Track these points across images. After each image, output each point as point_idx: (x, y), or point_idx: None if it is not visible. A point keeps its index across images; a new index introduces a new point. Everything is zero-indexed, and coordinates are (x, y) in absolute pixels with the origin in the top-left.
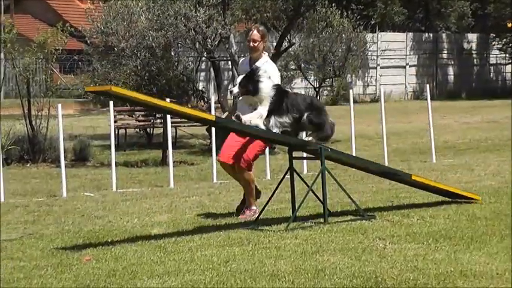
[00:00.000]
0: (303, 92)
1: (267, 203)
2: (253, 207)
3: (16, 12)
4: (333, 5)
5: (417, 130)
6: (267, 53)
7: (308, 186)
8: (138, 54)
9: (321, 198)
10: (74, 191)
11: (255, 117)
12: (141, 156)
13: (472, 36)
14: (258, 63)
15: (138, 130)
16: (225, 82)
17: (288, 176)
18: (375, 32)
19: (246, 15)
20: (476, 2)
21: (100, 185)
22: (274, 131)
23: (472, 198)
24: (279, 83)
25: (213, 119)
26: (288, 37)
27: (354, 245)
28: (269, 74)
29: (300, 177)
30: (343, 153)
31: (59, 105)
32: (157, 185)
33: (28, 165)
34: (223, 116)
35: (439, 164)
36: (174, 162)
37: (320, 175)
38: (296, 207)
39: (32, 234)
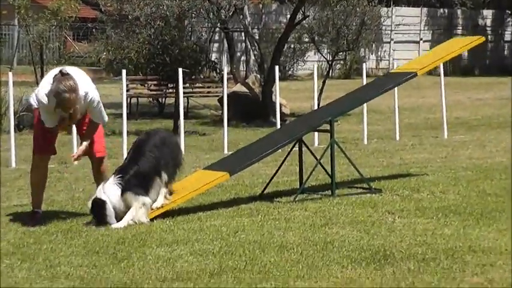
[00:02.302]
0: (315, 65)
1: (274, 175)
2: None
3: None
4: None
5: (429, 105)
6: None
7: (316, 159)
8: (152, 23)
9: (330, 172)
10: (85, 159)
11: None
12: (153, 126)
13: (487, 13)
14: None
15: (150, 99)
16: (238, 53)
17: (297, 149)
18: (390, 6)
19: None
20: None
21: (111, 153)
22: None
23: None
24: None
25: None
26: (302, 9)
27: (363, 219)
28: (97, 100)
29: (309, 149)
30: None
31: None
32: None
33: None
34: None
35: (451, 140)
36: (185, 132)
37: (329, 148)
38: (304, 180)
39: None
